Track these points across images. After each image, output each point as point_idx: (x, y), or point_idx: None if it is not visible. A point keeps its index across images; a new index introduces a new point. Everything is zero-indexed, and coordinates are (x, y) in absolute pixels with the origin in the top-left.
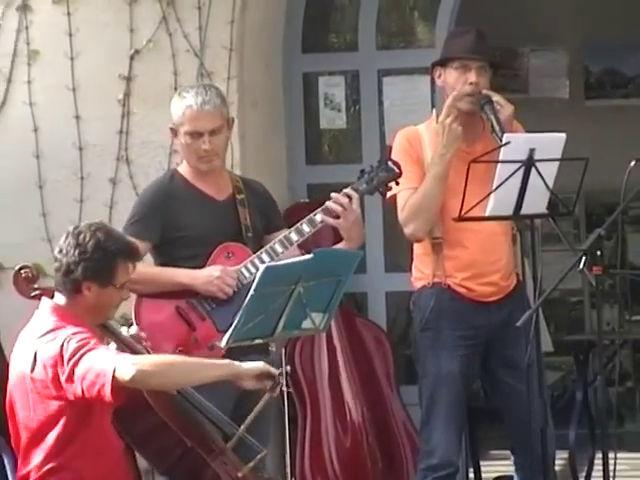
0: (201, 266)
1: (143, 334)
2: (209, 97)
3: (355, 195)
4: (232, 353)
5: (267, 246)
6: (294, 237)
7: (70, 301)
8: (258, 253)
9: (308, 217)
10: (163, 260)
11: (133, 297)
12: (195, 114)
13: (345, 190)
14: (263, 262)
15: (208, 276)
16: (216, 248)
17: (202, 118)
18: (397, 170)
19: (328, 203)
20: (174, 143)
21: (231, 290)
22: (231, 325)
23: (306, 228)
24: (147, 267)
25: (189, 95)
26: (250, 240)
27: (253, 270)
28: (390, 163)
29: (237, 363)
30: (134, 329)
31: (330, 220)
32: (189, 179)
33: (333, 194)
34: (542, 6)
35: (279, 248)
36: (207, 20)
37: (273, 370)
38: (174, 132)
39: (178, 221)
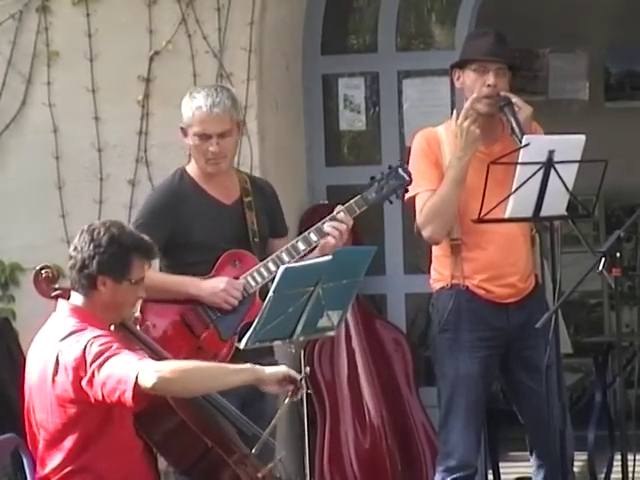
0: (207, 272)
1: (139, 315)
2: (219, 99)
3: (351, 223)
4: (236, 359)
5: (274, 255)
6: (301, 246)
7: (87, 299)
8: (265, 262)
9: (316, 226)
10: (168, 264)
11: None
12: (204, 116)
13: (342, 216)
14: (269, 271)
15: (213, 287)
16: (222, 254)
17: (211, 120)
18: (407, 178)
19: (327, 227)
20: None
21: (236, 301)
22: (235, 331)
23: (313, 237)
24: (153, 273)
25: (199, 96)
26: (256, 246)
27: (259, 279)
28: (401, 170)
29: (259, 367)
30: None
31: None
32: (197, 180)
33: (338, 215)
34: (561, 7)
35: (286, 257)
36: (226, 21)
37: (295, 374)
38: (184, 132)
39: (185, 226)
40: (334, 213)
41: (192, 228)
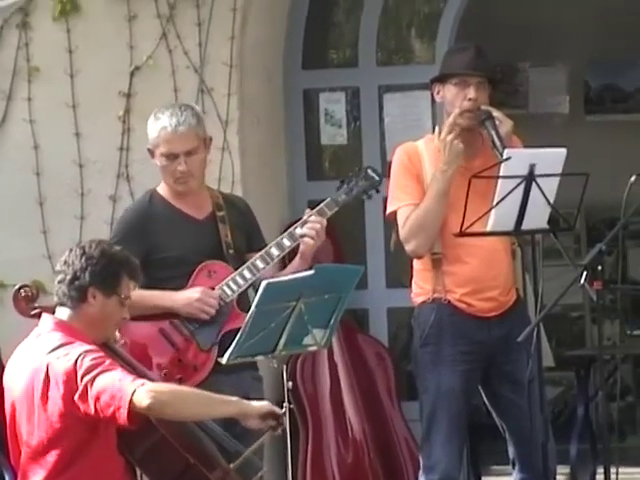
0: (183, 286)
1: (119, 336)
2: (184, 118)
3: (324, 223)
4: (217, 371)
5: (248, 262)
6: (275, 252)
7: (74, 313)
8: (239, 270)
9: (288, 231)
10: (144, 281)
11: None
12: (170, 136)
13: (315, 216)
14: (245, 279)
15: (188, 298)
16: (197, 267)
17: (177, 140)
18: (377, 178)
19: (298, 231)
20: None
21: (213, 310)
22: (214, 341)
23: (287, 242)
24: None
25: (164, 116)
26: (231, 257)
27: (235, 287)
28: (370, 171)
29: (245, 402)
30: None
31: (309, 240)
32: (168, 199)
33: (312, 216)
34: (542, 22)
35: (260, 264)
36: (207, 36)
37: (278, 410)
38: (151, 153)
39: (158, 243)
40: (305, 217)
41: (166, 245)
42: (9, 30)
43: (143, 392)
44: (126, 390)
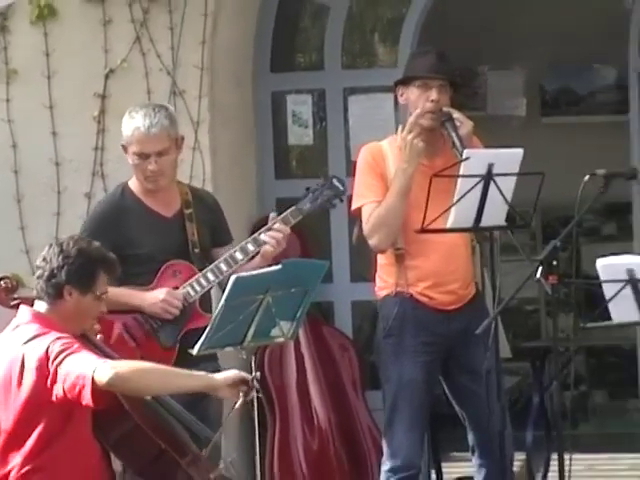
0: (149, 282)
1: (98, 327)
2: (157, 119)
3: (288, 232)
4: (179, 366)
5: (212, 265)
6: (239, 256)
7: (51, 307)
8: (204, 272)
9: (253, 237)
10: None
11: None
12: (142, 136)
13: (280, 224)
14: (208, 281)
15: (154, 298)
16: (163, 265)
17: (149, 141)
18: (341, 187)
19: (262, 237)
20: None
21: (177, 311)
22: (175, 340)
23: (251, 247)
24: None
25: (138, 116)
26: (196, 256)
27: (199, 289)
28: (335, 181)
29: (211, 375)
30: None
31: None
32: (138, 195)
33: (277, 223)
34: (500, 28)
35: (224, 267)
36: (179, 40)
37: (246, 375)
38: (124, 149)
39: (127, 239)
40: (270, 224)
41: (134, 241)
42: None
43: (104, 369)
44: (88, 368)
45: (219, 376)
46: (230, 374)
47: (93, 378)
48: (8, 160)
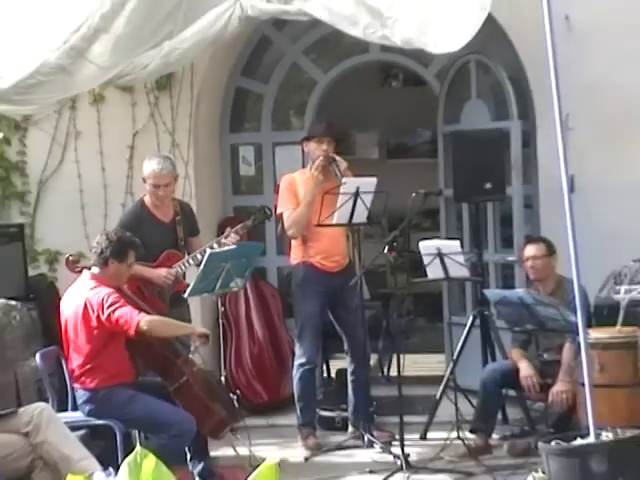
0: (154, 262)
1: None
2: (165, 165)
3: (238, 238)
4: (171, 307)
5: (192, 254)
6: (208, 251)
7: (101, 271)
8: (187, 258)
9: (216, 239)
10: None
11: None
12: (156, 175)
13: (234, 233)
14: (189, 264)
15: (159, 273)
16: (163, 253)
17: (160, 178)
18: (269, 213)
19: (224, 240)
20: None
21: (170, 282)
22: (168, 298)
23: (215, 246)
24: None
25: (153, 162)
26: (181, 247)
27: (184, 268)
28: (266, 209)
29: (191, 326)
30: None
31: (229, 243)
32: (150, 207)
33: (231, 232)
34: (364, 108)
35: (199, 256)
36: (176, 114)
37: (206, 331)
38: (144, 180)
39: (142, 235)
40: (226, 233)
41: (145, 237)
42: (63, 110)
43: (143, 321)
44: (135, 319)
45: (196, 328)
46: (201, 329)
47: (138, 324)
48: (76, 184)
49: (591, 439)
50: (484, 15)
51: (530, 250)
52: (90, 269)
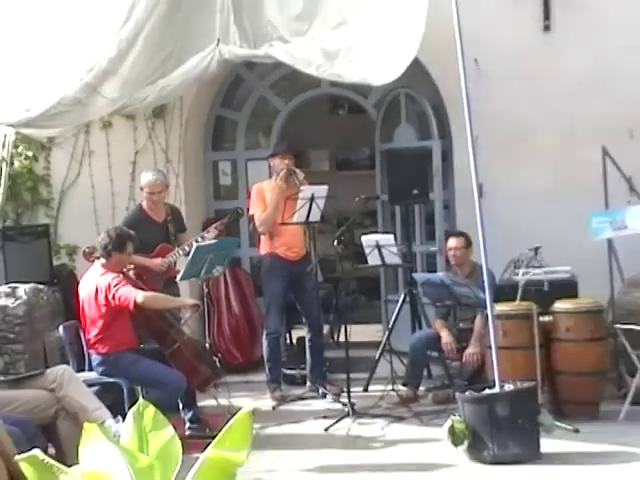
0: (151, 253)
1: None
2: (158, 176)
3: (217, 233)
4: (165, 288)
5: (181, 247)
6: (194, 244)
7: (106, 261)
8: (177, 250)
9: (200, 234)
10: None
11: None
12: (151, 184)
13: (213, 229)
14: (179, 254)
15: (155, 262)
16: (158, 246)
17: (155, 187)
18: (241, 213)
19: (206, 235)
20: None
21: (165, 269)
22: (161, 282)
23: (199, 239)
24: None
25: (149, 174)
26: (173, 241)
27: (175, 258)
28: (239, 209)
29: (181, 298)
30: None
31: (209, 237)
32: (146, 210)
33: (211, 229)
34: (317, 131)
35: (187, 248)
36: (169, 135)
37: (197, 302)
38: (141, 189)
39: (141, 233)
40: (207, 230)
41: (144, 234)
42: (79, 134)
43: (139, 296)
44: (133, 295)
45: (186, 300)
46: (191, 300)
47: (135, 299)
48: (90, 193)
49: (496, 390)
50: (412, 55)
51: (452, 242)
52: (99, 259)
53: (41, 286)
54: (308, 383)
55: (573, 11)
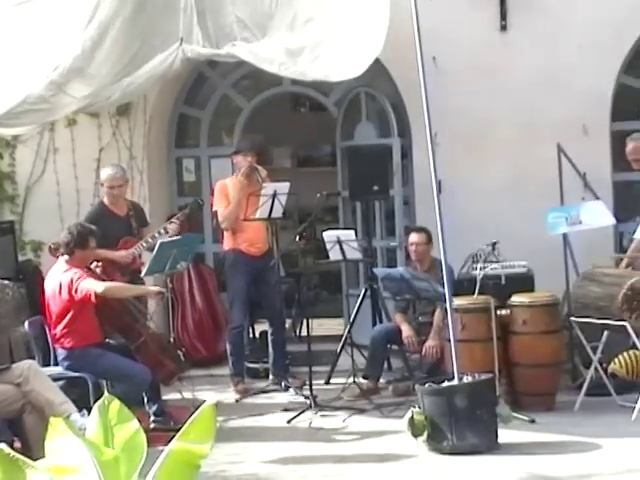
0: (115, 247)
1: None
2: (118, 170)
3: (178, 224)
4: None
5: (143, 239)
6: (156, 235)
7: (70, 258)
8: (140, 242)
9: (163, 226)
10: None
11: None
12: (111, 179)
13: (175, 220)
14: (143, 247)
15: (120, 254)
16: (121, 239)
17: (114, 181)
18: (201, 203)
19: (169, 226)
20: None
21: (129, 261)
22: (127, 273)
23: (162, 231)
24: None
25: (109, 169)
26: (136, 235)
27: (139, 250)
28: (199, 200)
29: (146, 287)
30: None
31: (172, 229)
32: (108, 205)
33: (173, 220)
34: (281, 129)
35: (150, 240)
36: (133, 133)
37: (162, 289)
38: (102, 185)
39: (104, 228)
40: (170, 221)
41: (107, 228)
42: (44, 131)
43: (100, 286)
44: (93, 286)
45: (151, 288)
46: (155, 288)
47: (95, 290)
48: (55, 189)
49: (455, 382)
50: (376, 53)
51: (414, 237)
52: (63, 254)
53: (6, 282)
54: (271, 376)
55: (529, 12)
